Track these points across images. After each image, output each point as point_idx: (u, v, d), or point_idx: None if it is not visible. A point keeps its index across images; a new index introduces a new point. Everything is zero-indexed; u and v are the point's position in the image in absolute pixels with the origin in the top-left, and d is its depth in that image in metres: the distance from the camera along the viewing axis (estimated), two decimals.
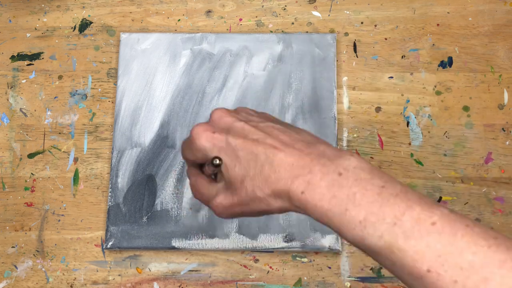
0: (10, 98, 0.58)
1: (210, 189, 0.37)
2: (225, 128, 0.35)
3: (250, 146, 0.33)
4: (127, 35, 0.58)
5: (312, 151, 0.33)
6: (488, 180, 0.54)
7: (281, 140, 0.34)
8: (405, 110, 0.56)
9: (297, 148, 0.33)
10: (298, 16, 0.60)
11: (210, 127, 0.35)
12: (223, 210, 0.35)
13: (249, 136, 0.34)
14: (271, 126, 0.35)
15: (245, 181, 0.33)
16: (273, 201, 0.33)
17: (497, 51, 0.58)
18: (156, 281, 0.52)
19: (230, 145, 0.34)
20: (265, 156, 0.33)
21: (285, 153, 0.32)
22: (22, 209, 0.55)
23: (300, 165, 0.32)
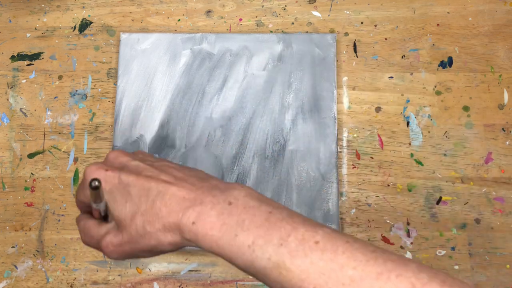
0: (10, 98, 0.58)
1: (100, 230, 0.36)
2: (119, 167, 0.35)
3: (142, 182, 0.33)
4: (127, 35, 0.58)
5: (204, 185, 0.33)
6: (488, 180, 0.54)
7: (175, 175, 0.34)
8: (405, 110, 0.56)
9: (190, 182, 0.33)
10: (298, 16, 0.60)
11: (104, 166, 0.35)
12: (112, 248, 0.34)
13: (143, 173, 0.34)
14: (166, 165, 0.35)
15: (136, 217, 0.33)
16: (163, 236, 0.33)
17: (497, 51, 0.58)
18: (156, 281, 0.52)
19: (122, 182, 0.34)
20: (157, 191, 0.33)
21: (177, 187, 0.33)
22: (22, 209, 0.55)
23: (192, 197, 0.32)
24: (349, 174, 0.55)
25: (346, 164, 0.55)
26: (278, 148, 0.54)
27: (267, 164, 0.54)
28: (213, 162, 0.54)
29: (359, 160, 0.55)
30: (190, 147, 0.55)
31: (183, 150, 0.55)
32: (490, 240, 0.52)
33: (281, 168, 0.54)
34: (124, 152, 0.37)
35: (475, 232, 0.53)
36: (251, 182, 0.53)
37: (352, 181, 0.54)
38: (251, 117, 0.55)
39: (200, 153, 0.54)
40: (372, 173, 0.54)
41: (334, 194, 0.53)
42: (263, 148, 0.54)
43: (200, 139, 0.55)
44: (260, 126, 0.55)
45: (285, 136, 0.55)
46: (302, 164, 0.54)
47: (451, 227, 0.53)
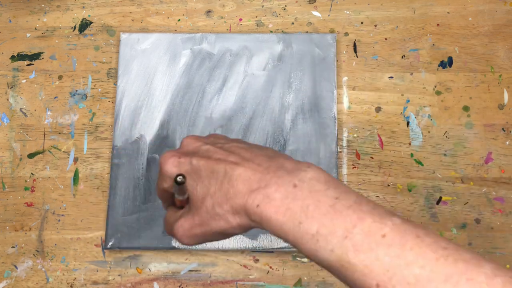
0: (10, 98, 0.58)
1: (176, 215, 0.36)
2: (191, 152, 0.35)
3: (212, 164, 0.33)
4: (127, 35, 0.58)
5: (271, 164, 0.32)
6: (488, 180, 0.54)
7: (242, 156, 0.33)
8: (405, 110, 0.56)
9: (256, 162, 0.33)
10: (298, 16, 0.60)
11: (177, 153, 0.35)
12: (183, 232, 0.34)
13: (212, 156, 0.34)
14: (235, 146, 0.35)
15: (206, 199, 0.33)
16: (231, 217, 0.32)
17: (497, 51, 0.58)
18: (156, 281, 0.52)
19: (193, 166, 0.34)
20: (224, 172, 0.33)
21: (244, 168, 0.32)
22: (22, 209, 0.55)
23: (257, 178, 0.31)
24: (349, 174, 0.55)
25: (346, 164, 0.55)
26: (278, 148, 0.54)
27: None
28: None
29: (359, 160, 0.55)
30: None
31: None
32: (490, 240, 0.52)
33: None
34: (197, 137, 0.37)
35: (475, 232, 0.53)
36: None
37: (352, 181, 0.54)
38: (251, 117, 0.55)
39: None
40: (372, 173, 0.54)
41: None
42: None
43: None
44: (260, 126, 0.55)
45: (285, 136, 0.55)
46: None
47: (451, 227, 0.53)
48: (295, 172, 0.31)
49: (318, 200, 0.30)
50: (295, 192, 0.30)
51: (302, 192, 0.30)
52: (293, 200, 0.30)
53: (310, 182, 0.31)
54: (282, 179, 0.31)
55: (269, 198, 0.30)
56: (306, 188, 0.30)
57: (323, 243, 0.28)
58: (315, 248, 0.29)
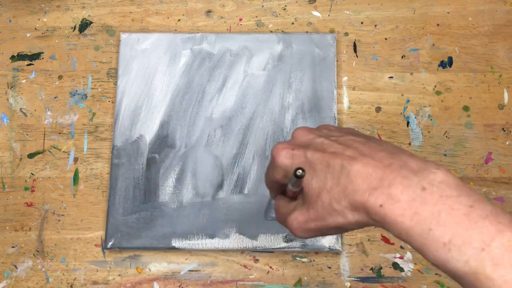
0: (10, 98, 0.58)
1: (289, 207, 0.35)
2: (305, 145, 0.35)
3: (327, 158, 0.32)
4: (127, 35, 0.58)
5: (393, 162, 0.30)
6: (488, 180, 0.54)
7: (360, 151, 0.32)
8: (405, 110, 0.56)
9: (377, 158, 0.31)
10: (298, 16, 0.60)
11: (290, 145, 0.35)
12: (297, 226, 0.34)
13: (327, 149, 0.33)
14: (351, 139, 0.34)
15: (322, 193, 0.32)
16: (350, 214, 0.31)
17: (497, 51, 0.58)
18: (156, 281, 0.52)
19: (308, 159, 0.33)
20: (341, 167, 0.31)
21: (362, 163, 0.31)
22: (22, 209, 0.55)
23: (379, 176, 0.30)
24: None
25: None
26: None
27: (267, 164, 0.54)
28: (213, 162, 0.54)
29: None
30: (190, 147, 0.55)
31: (183, 150, 0.55)
32: None
33: None
34: (309, 129, 0.36)
35: None
36: (251, 182, 0.53)
37: None
38: (251, 117, 0.55)
39: (200, 153, 0.54)
40: None
41: None
42: (263, 148, 0.54)
43: (200, 139, 0.55)
44: (260, 126, 0.55)
45: (285, 136, 0.55)
46: None
47: None
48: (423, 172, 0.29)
49: (451, 206, 0.28)
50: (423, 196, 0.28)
51: (432, 196, 0.28)
52: (422, 204, 0.28)
53: (440, 186, 0.29)
54: (408, 179, 0.29)
55: (394, 199, 0.29)
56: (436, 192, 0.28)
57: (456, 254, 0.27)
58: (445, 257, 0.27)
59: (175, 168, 0.54)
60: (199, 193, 0.53)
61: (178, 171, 0.54)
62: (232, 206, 0.53)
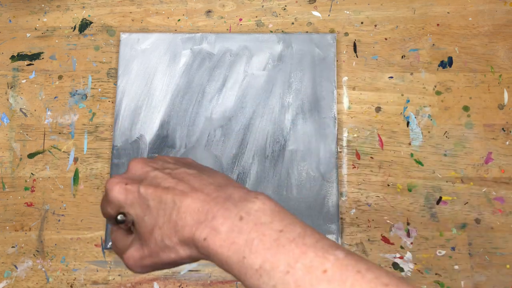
0: (10, 98, 0.58)
1: (125, 242, 0.35)
2: (139, 179, 0.35)
3: (160, 194, 0.32)
4: (127, 35, 0.58)
5: (219, 195, 0.32)
6: (488, 180, 0.54)
7: (192, 185, 0.33)
8: (405, 110, 0.56)
9: (205, 192, 0.32)
10: (298, 16, 0.60)
11: (124, 179, 0.35)
12: (133, 262, 0.34)
13: (161, 184, 0.33)
14: (184, 172, 0.34)
15: (154, 230, 0.32)
16: (181, 249, 0.32)
17: (497, 51, 0.58)
18: (156, 281, 0.52)
19: (141, 195, 0.33)
20: (173, 203, 0.32)
21: (192, 198, 0.31)
22: (22, 209, 0.55)
23: (205, 210, 0.31)
24: (349, 174, 0.55)
25: (346, 164, 0.55)
26: (278, 148, 0.54)
27: (267, 164, 0.54)
28: (213, 162, 0.54)
29: (359, 160, 0.55)
30: (190, 147, 0.55)
31: (183, 150, 0.55)
32: (490, 240, 0.52)
33: (281, 168, 0.54)
34: (145, 161, 0.36)
35: (475, 232, 0.53)
36: (251, 182, 0.53)
37: (352, 181, 0.54)
38: (251, 117, 0.55)
39: (200, 153, 0.54)
40: (372, 173, 0.54)
41: (334, 194, 0.53)
42: (263, 148, 0.54)
43: (200, 139, 0.55)
44: (260, 126, 0.55)
45: (285, 136, 0.55)
46: (302, 164, 0.54)
47: (451, 227, 0.53)
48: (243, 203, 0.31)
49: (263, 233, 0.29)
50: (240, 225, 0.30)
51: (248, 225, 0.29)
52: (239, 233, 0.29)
53: (256, 214, 0.30)
54: (229, 211, 0.30)
55: (216, 231, 0.30)
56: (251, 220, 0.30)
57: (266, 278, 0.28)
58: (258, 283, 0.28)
59: None
60: None
61: None
62: None
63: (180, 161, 0.38)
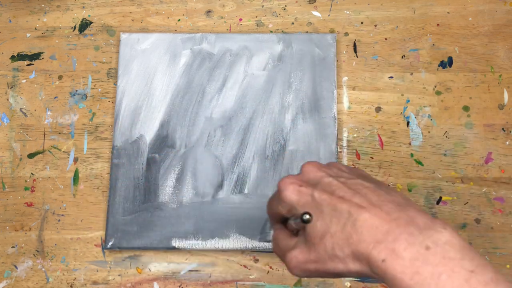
0: (10, 98, 0.58)
1: (289, 242, 0.35)
2: (313, 183, 0.34)
3: (335, 202, 0.32)
4: (127, 35, 0.58)
5: (400, 216, 0.30)
6: (488, 180, 0.54)
7: (369, 199, 0.32)
8: (405, 110, 0.56)
9: (385, 210, 0.31)
10: (298, 16, 0.60)
11: (298, 181, 0.35)
12: (296, 264, 0.34)
13: (336, 192, 0.33)
14: (360, 184, 0.33)
15: (325, 237, 0.32)
16: (351, 263, 0.31)
17: (497, 51, 0.58)
18: (156, 281, 0.52)
19: (315, 199, 0.33)
20: (348, 214, 0.31)
21: (370, 214, 0.31)
22: (22, 209, 0.55)
23: (385, 229, 0.30)
24: None
25: (346, 164, 0.55)
26: (278, 148, 0.54)
27: (267, 164, 0.54)
28: (213, 162, 0.54)
29: (359, 160, 0.55)
30: (190, 147, 0.55)
31: (183, 150, 0.55)
32: (490, 240, 0.52)
33: (281, 168, 0.54)
34: (319, 166, 0.36)
35: (475, 232, 0.53)
36: (251, 182, 0.53)
37: None
38: (251, 117, 0.55)
39: (200, 153, 0.54)
40: (372, 173, 0.54)
41: None
42: (263, 148, 0.54)
43: (200, 139, 0.55)
44: (260, 126, 0.55)
45: (285, 136, 0.55)
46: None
47: None
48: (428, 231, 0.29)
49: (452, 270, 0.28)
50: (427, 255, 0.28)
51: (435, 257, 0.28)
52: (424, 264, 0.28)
53: (444, 247, 0.29)
54: (413, 237, 0.29)
55: (397, 255, 0.29)
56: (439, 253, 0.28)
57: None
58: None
59: (175, 168, 0.54)
60: (199, 193, 0.53)
61: (178, 171, 0.54)
62: (232, 206, 0.53)
63: (354, 171, 0.37)
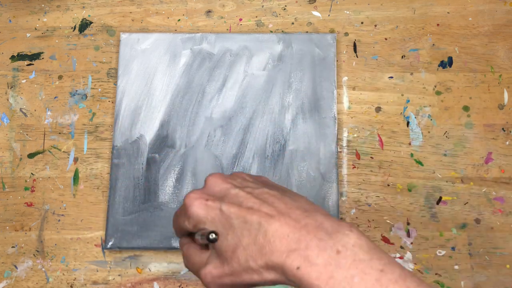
0: (10, 98, 0.58)
1: (201, 257, 0.35)
2: (219, 195, 0.34)
3: (244, 214, 0.32)
4: (127, 35, 0.58)
5: (308, 222, 0.31)
6: (488, 180, 0.54)
7: (277, 207, 0.32)
8: (405, 110, 0.56)
9: (293, 217, 0.32)
10: (298, 16, 0.60)
11: (204, 194, 0.35)
12: (211, 280, 0.34)
13: (243, 203, 0.33)
14: (266, 192, 0.34)
15: (238, 250, 0.32)
16: (266, 273, 0.31)
17: (497, 51, 0.58)
18: (156, 281, 0.52)
19: (223, 213, 0.33)
20: (259, 225, 0.31)
21: (280, 223, 0.31)
22: (22, 209, 0.55)
23: (296, 237, 0.31)
24: (349, 174, 0.55)
25: (346, 164, 0.55)
26: (278, 148, 0.54)
27: (267, 164, 0.54)
28: (213, 162, 0.54)
29: (359, 160, 0.55)
30: (190, 147, 0.55)
31: (183, 150, 0.55)
32: (490, 240, 0.52)
33: (281, 168, 0.54)
34: (223, 177, 0.36)
35: (475, 232, 0.53)
36: None
37: (352, 181, 0.54)
38: (251, 117, 0.55)
39: (200, 153, 0.54)
40: (372, 173, 0.54)
41: (334, 194, 0.53)
42: (263, 148, 0.54)
43: (200, 139, 0.55)
44: (260, 126, 0.55)
45: (285, 136, 0.55)
46: (302, 164, 0.54)
47: (451, 227, 0.53)
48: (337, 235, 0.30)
49: (363, 271, 0.29)
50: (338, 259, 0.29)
51: (346, 260, 0.29)
52: (337, 268, 0.29)
53: (353, 250, 0.30)
54: (324, 242, 0.30)
55: (310, 262, 0.30)
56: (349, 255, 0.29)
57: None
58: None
59: (175, 168, 0.54)
60: None
61: (178, 171, 0.54)
62: None
63: (258, 179, 0.37)
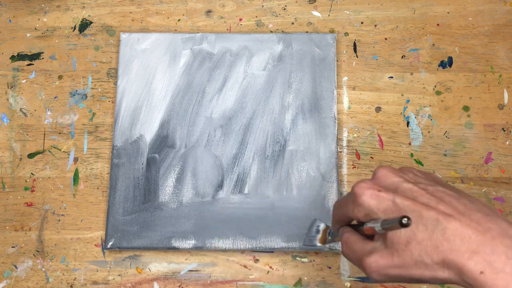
0: (10, 98, 0.58)
1: (364, 246, 0.35)
2: (392, 188, 0.34)
3: (420, 209, 0.32)
4: (127, 35, 0.58)
5: (492, 227, 0.30)
6: (488, 180, 0.54)
7: (455, 207, 0.32)
8: (405, 110, 0.56)
9: (474, 219, 0.31)
10: (298, 16, 0.60)
11: (375, 185, 0.34)
12: (376, 269, 0.33)
13: (418, 198, 0.33)
14: (442, 191, 0.33)
15: (411, 244, 0.31)
16: (440, 270, 0.31)
17: (497, 51, 0.58)
18: (156, 281, 0.52)
19: (397, 205, 0.33)
20: (436, 222, 0.31)
21: (460, 223, 0.30)
22: (22, 209, 0.55)
23: (479, 240, 0.30)
24: (349, 174, 0.55)
25: (346, 164, 0.55)
26: (278, 148, 0.54)
27: (267, 164, 0.54)
28: (213, 162, 0.54)
29: (359, 160, 0.55)
30: (190, 147, 0.55)
31: (183, 150, 0.55)
32: None
33: (281, 168, 0.54)
34: (394, 170, 0.36)
35: None
36: (251, 182, 0.53)
37: (352, 181, 0.54)
38: (251, 117, 0.55)
39: (200, 153, 0.54)
40: (372, 173, 0.54)
41: (334, 194, 0.53)
42: (263, 148, 0.54)
43: (200, 139, 0.55)
44: (260, 126, 0.55)
45: (285, 136, 0.55)
46: (302, 164, 0.54)
47: None
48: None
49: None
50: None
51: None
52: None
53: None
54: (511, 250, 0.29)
55: (496, 269, 0.29)
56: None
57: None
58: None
59: (175, 168, 0.54)
60: (199, 193, 0.53)
61: (178, 171, 0.54)
62: (232, 206, 0.53)
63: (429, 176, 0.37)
